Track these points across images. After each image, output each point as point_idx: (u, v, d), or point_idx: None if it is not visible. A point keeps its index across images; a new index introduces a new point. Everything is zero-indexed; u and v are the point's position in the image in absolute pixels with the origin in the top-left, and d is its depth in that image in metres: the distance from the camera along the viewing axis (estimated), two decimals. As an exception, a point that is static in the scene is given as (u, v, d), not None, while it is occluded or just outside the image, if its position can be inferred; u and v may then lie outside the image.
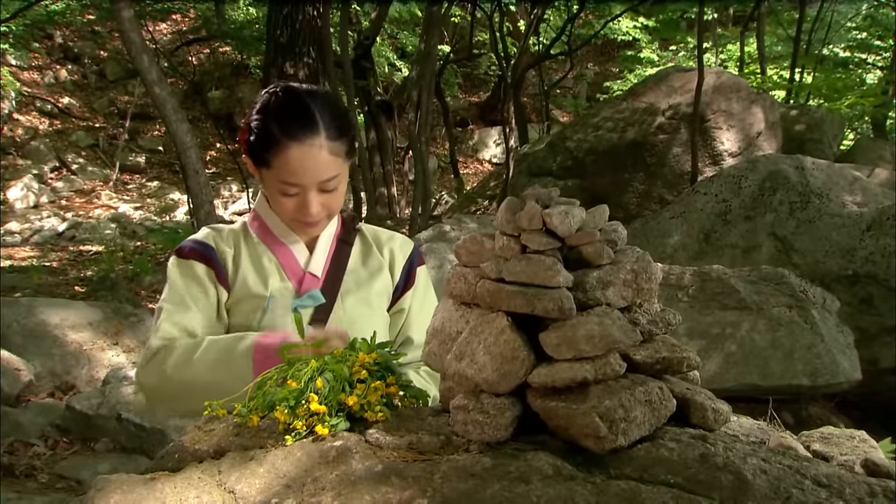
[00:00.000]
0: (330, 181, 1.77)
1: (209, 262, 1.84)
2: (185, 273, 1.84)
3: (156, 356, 1.73)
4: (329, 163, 1.75)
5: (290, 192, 1.76)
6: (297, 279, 1.87)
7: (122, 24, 6.40)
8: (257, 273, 1.86)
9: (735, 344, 4.65)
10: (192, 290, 1.82)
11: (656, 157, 8.58)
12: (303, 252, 1.90)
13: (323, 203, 1.79)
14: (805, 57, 13.66)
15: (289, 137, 1.71)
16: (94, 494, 1.20)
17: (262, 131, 1.74)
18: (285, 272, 1.87)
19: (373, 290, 1.93)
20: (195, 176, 6.64)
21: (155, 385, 1.75)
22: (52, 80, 18.03)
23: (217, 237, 1.89)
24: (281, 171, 1.73)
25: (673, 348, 1.21)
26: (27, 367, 5.36)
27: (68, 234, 12.71)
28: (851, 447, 1.31)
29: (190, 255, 1.85)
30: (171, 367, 1.70)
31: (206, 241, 1.87)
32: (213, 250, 1.85)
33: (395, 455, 1.17)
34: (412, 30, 18.15)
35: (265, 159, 1.75)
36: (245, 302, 1.84)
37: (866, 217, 5.73)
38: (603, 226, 1.23)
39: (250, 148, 1.79)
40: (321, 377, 1.31)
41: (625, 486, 1.04)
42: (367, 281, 1.94)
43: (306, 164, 1.72)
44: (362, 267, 1.96)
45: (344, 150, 1.79)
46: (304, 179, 1.74)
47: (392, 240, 2.02)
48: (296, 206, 1.78)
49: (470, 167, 18.10)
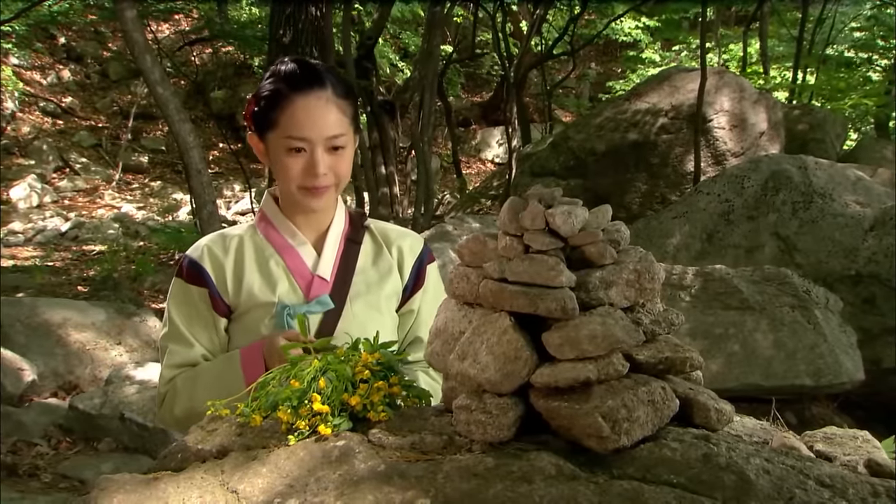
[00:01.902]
0: (337, 138, 1.76)
1: (204, 285, 1.83)
2: (184, 301, 1.85)
3: (164, 402, 1.85)
4: (336, 119, 1.76)
5: (298, 147, 1.74)
6: (306, 283, 1.84)
7: (124, 23, 6.40)
8: (264, 279, 1.84)
9: (738, 344, 4.65)
10: (192, 321, 1.85)
11: (659, 157, 8.59)
12: (310, 254, 1.87)
13: (331, 165, 1.77)
14: (808, 57, 13.64)
15: (296, 90, 1.74)
16: (96, 494, 1.21)
17: (269, 92, 1.76)
18: (293, 276, 1.85)
19: (382, 294, 1.91)
20: (198, 176, 6.64)
21: (174, 426, 1.88)
22: (55, 80, 18.05)
23: (217, 249, 1.87)
24: (288, 126, 1.73)
25: (676, 348, 1.21)
26: (30, 366, 5.37)
27: (71, 233, 12.72)
28: (854, 447, 1.31)
29: (188, 278, 1.85)
30: (179, 409, 1.81)
31: (201, 264, 1.84)
32: (208, 274, 1.83)
33: (397, 455, 1.17)
34: (415, 30, 18.15)
35: (272, 119, 1.76)
36: (253, 311, 1.82)
37: (869, 217, 5.72)
38: (606, 226, 1.23)
39: (257, 115, 1.80)
40: (324, 377, 1.31)
41: (627, 486, 1.04)
42: (377, 283, 1.91)
43: (313, 116, 1.73)
44: (372, 267, 1.93)
45: (350, 113, 1.80)
46: (311, 132, 1.73)
47: (402, 238, 1.99)
48: (303, 168, 1.76)
49: (472, 167, 18.08)
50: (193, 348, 1.83)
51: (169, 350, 1.84)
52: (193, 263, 1.85)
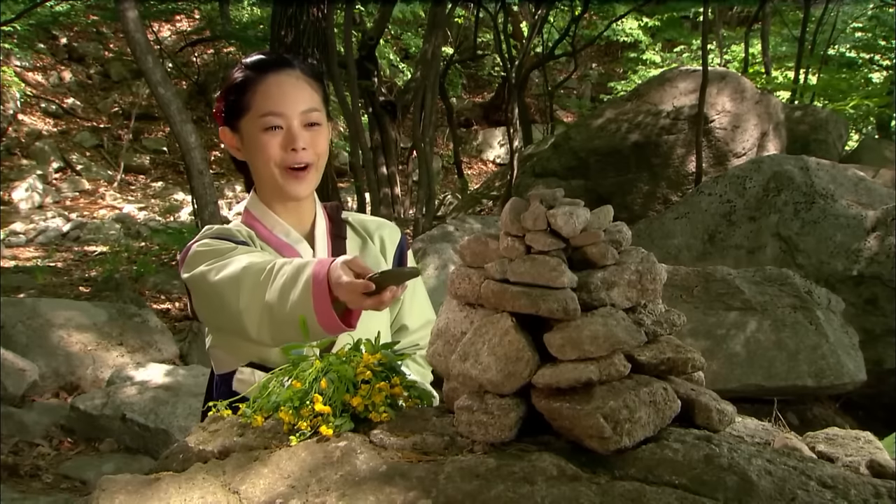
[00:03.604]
0: (311, 113, 1.77)
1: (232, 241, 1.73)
2: (214, 244, 1.69)
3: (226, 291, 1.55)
4: (308, 94, 1.77)
5: (274, 125, 1.73)
6: None
7: (126, 24, 6.40)
8: None
9: (739, 345, 4.64)
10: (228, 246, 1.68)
11: (660, 157, 8.58)
12: (307, 252, 1.86)
13: (308, 142, 1.76)
14: (810, 57, 13.63)
15: (265, 71, 1.76)
16: (98, 495, 1.21)
17: (240, 80, 1.77)
18: None
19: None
20: (199, 176, 6.64)
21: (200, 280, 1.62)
22: (57, 80, 18.06)
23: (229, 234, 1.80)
24: (262, 104, 1.74)
25: (677, 349, 1.21)
26: (31, 367, 5.36)
27: (72, 234, 12.72)
28: (856, 448, 1.30)
29: (210, 238, 1.73)
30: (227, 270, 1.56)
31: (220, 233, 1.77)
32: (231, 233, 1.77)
33: (399, 455, 1.17)
34: (416, 30, 18.16)
35: (245, 104, 1.76)
36: None
37: (871, 218, 5.71)
38: (607, 226, 1.23)
39: (227, 107, 1.80)
40: (326, 378, 1.31)
41: (629, 486, 1.04)
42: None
43: (286, 90, 1.75)
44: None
45: (321, 94, 1.82)
46: (285, 107, 1.74)
47: (380, 227, 2.01)
48: (282, 145, 1.75)
49: (474, 168, 18.09)
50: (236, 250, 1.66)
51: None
52: (214, 233, 1.76)
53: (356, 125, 10.26)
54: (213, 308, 1.64)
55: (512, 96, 13.76)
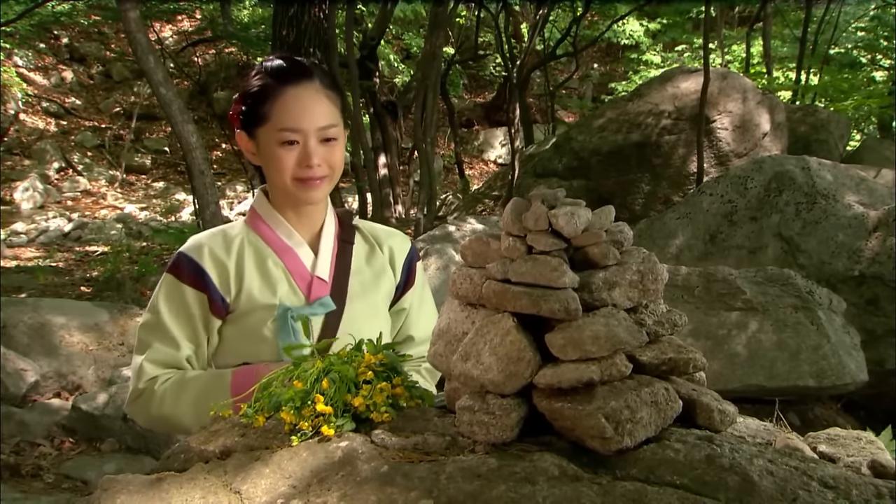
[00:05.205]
0: (329, 129, 1.77)
1: (203, 288, 1.78)
2: (177, 300, 1.79)
3: (140, 399, 1.78)
4: (326, 109, 1.77)
5: (291, 140, 1.74)
6: (306, 284, 1.83)
7: (128, 24, 6.41)
8: (264, 281, 1.81)
9: (741, 345, 4.64)
10: (182, 322, 1.79)
11: (662, 157, 8.57)
12: (308, 255, 1.86)
13: (324, 157, 1.77)
14: (811, 57, 13.62)
15: (285, 82, 1.75)
16: (99, 495, 1.21)
17: (258, 87, 1.77)
18: (293, 277, 1.83)
19: (379, 295, 1.92)
20: (201, 176, 6.65)
21: (144, 423, 1.87)
22: (58, 80, 18.08)
23: (219, 250, 1.82)
24: (280, 118, 1.74)
25: (679, 349, 1.21)
26: (33, 367, 5.37)
27: (74, 234, 12.73)
28: (858, 448, 1.30)
29: (186, 279, 1.79)
30: (157, 412, 1.76)
31: (202, 266, 1.79)
32: (211, 279, 1.78)
33: (400, 456, 1.17)
34: (417, 30, 18.16)
35: (263, 114, 1.76)
36: (254, 313, 1.79)
37: (873, 218, 5.71)
38: (609, 226, 1.23)
39: (245, 113, 1.80)
40: (327, 378, 1.31)
41: (631, 487, 1.04)
42: (373, 283, 1.91)
43: (304, 105, 1.74)
44: (367, 267, 1.93)
45: (339, 104, 1.82)
46: (303, 123, 1.74)
47: (391, 237, 2.00)
48: (297, 161, 1.75)
49: (475, 168, 18.09)
50: (180, 350, 1.79)
51: (153, 347, 1.78)
52: (193, 264, 1.79)
53: (357, 125, 10.27)
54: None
55: (513, 96, 13.76)
